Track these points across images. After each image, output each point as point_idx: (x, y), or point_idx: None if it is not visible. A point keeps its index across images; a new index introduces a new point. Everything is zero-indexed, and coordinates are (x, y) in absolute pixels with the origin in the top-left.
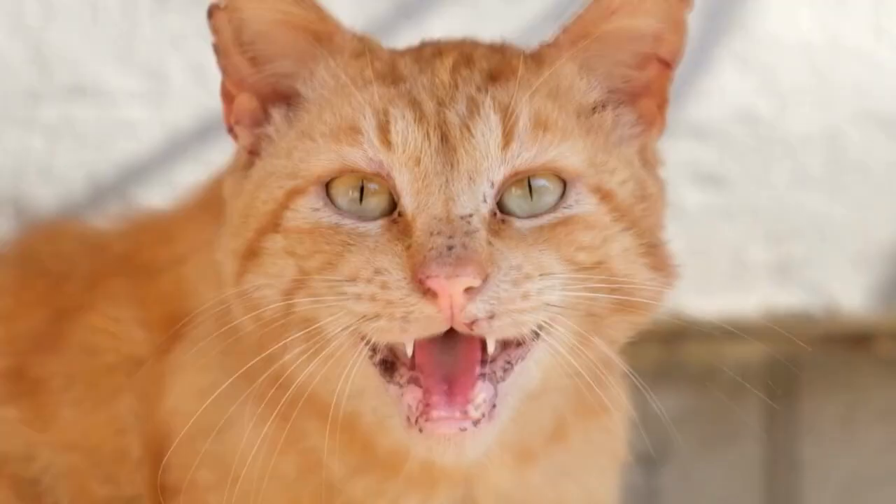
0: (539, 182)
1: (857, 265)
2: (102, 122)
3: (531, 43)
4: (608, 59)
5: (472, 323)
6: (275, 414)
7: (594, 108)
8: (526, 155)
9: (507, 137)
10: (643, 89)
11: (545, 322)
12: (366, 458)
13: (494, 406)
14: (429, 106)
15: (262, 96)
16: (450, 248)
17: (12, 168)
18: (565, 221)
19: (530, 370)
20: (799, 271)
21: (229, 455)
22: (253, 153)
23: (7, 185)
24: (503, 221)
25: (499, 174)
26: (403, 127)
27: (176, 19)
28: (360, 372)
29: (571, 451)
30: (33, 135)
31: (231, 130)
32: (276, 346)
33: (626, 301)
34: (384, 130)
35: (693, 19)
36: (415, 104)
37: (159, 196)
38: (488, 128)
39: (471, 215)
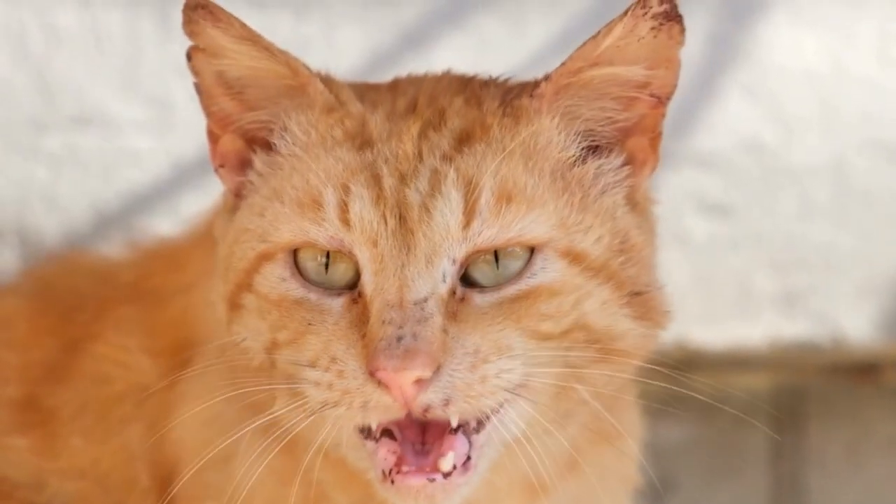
0: (504, 251)
1: (863, 295)
2: (107, 151)
3: (538, 73)
4: (593, 104)
5: (426, 409)
6: (280, 446)
7: (574, 163)
8: (487, 233)
9: (469, 216)
10: (634, 127)
11: (510, 395)
12: (368, 493)
13: (469, 458)
14: (388, 182)
15: (246, 138)
16: (399, 339)
17: (16, 197)
18: (528, 293)
19: (508, 423)
20: (805, 301)
21: (235, 486)
22: (238, 196)
23: (11, 214)
24: (462, 299)
25: (460, 252)
26: (360, 207)
27: (180, 48)
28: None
29: (585, 480)
30: (37, 164)
31: (216, 171)
32: (266, 394)
33: (607, 351)
34: (343, 209)
35: (700, 49)
36: (375, 180)
37: (164, 225)
38: (448, 208)
39: (426, 300)
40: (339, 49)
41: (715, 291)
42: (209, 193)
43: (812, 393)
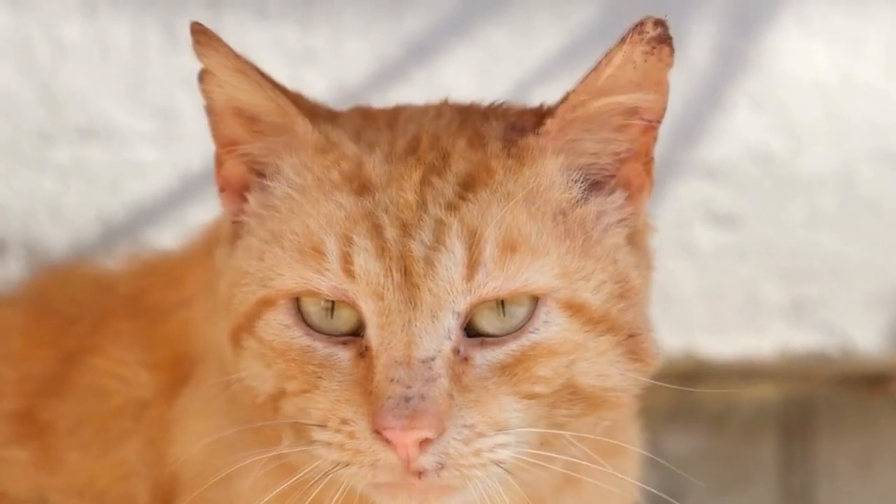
0: (509, 299)
1: (872, 305)
2: (113, 162)
3: (543, 87)
4: (594, 135)
5: (421, 472)
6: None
7: (576, 203)
8: (492, 284)
9: (472, 268)
10: (628, 155)
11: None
12: None
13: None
14: (391, 233)
15: (248, 166)
16: (407, 398)
17: (23, 209)
18: (527, 354)
19: (489, 488)
20: (814, 311)
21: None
22: (237, 224)
23: (18, 226)
24: (465, 360)
25: (463, 304)
26: (365, 260)
27: (187, 59)
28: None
29: (583, 497)
30: (44, 176)
31: (219, 194)
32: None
33: (594, 406)
34: (347, 260)
35: (708, 59)
36: (378, 230)
37: (171, 237)
38: (452, 262)
39: (433, 358)
40: (346, 60)
41: (723, 302)
42: (215, 205)
43: (821, 404)
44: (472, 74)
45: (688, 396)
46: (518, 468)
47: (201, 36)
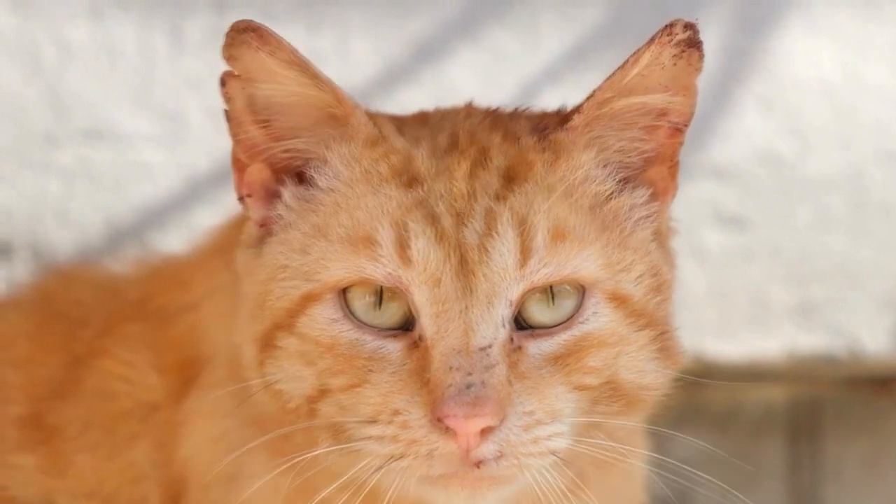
0: (559, 288)
1: (880, 306)
2: (119, 165)
3: (550, 89)
4: (623, 134)
5: (479, 462)
6: (289, 465)
7: (610, 196)
8: (545, 270)
9: (525, 254)
10: (654, 157)
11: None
12: None
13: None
14: (447, 221)
15: (275, 168)
16: (469, 385)
17: (29, 212)
18: (578, 345)
19: (540, 476)
20: (822, 313)
21: None
22: (264, 227)
23: (24, 228)
24: (519, 349)
25: (516, 292)
26: (424, 245)
27: (193, 62)
28: None
29: (590, 500)
30: (50, 178)
31: (241, 200)
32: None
33: (630, 405)
34: (403, 246)
35: (715, 60)
36: (434, 218)
37: (177, 239)
38: (506, 247)
39: (490, 346)
40: (352, 63)
41: (731, 303)
42: (222, 208)
43: (829, 405)
44: (478, 75)
45: (695, 398)
46: (568, 460)
47: (250, 34)
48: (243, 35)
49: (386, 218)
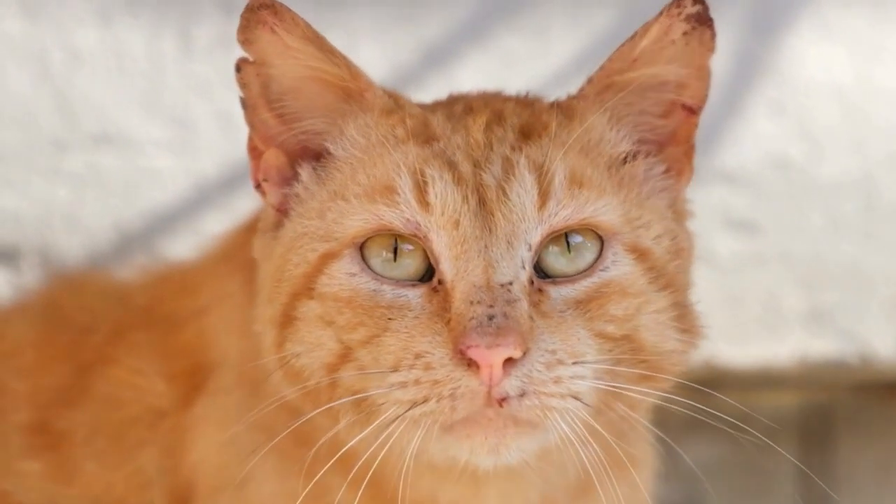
0: (577, 239)
1: (892, 312)
2: (128, 170)
3: (559, 92)
4: (634, 107)
5: (503, 400)
6: (297, 468)
7: (624, 159)
8: (563, 213)
9: (544, 196)
10: (669, 138)
11: (574, 401)
12: None
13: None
14: (465, 167)
15: (290, 153)
16: (490, 317)
17: (38, 217)
18: (600, 291)
19: (562, 426)
20: (833, 318)
21: None
22: (281, 211)
23: (33, 234)
24: (540, 291)
25: (536, 235)
26: (442, 188)
27: (202, 68)
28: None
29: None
30: (59, 184)
31: (258, 187)
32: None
33: (652, 369)
34: (422, 191)
35: (726, 64)
36: (451, 165)
37: (186, 245)
38: (524, 188)
39: (511, 283)
40: (361, 66)
41: (742, 309)
42: (231, 213)
43: (841, 411)
44: (487, 80)
45: (707, 404)
46: (588, 421)
47: (265, 10)
48: (258, 13)
49: (404, 168)
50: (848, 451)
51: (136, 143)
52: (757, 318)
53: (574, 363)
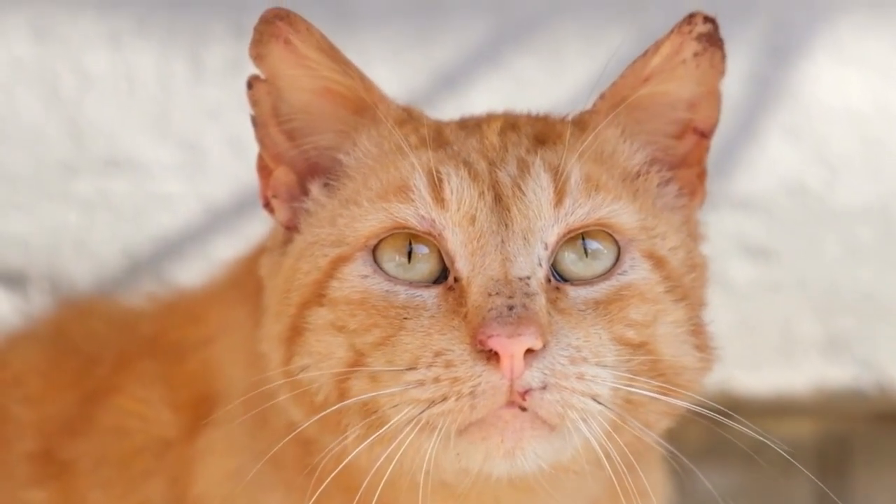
0: (593, 245)
1: None
2: (138, 195)
3: (572, 112)
4: (646, 125)
5: (525, 393)
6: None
7: (638, 173)
8: (579, 211)
9: (560, 195)
10: (681, 160)
11: (594, 403)
12: None
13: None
14: (481, 165)
15: (299, 171)
16: (510, 307)
17: (47, 242)
18: (619, 294)
19: (583, 430)
20: (850, 346)
21: None
22: (290, 228)
23: (42, 259)
24: (558, 289)
25: (552, 234)
26: (458, 184)
27: (212, 91)
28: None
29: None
30: (68, 209)
31: (267, 205)
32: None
33: (668, 385)
34: (437, 188)
35: (741, 89)
36: (466, 163)
37: (196, 270)
38: (540, 186)
39: (528, 277)
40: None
41: (758, 336)
42: (241, 238)
43: (858, 440)
44: (501, 102)
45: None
46: (606, 433)
47: (279, 22)
48: (272, 26)
49: (419, 168)
50: (865, 480)
51: (145, 168)
52: (773, 345)
53: (596, 363)
